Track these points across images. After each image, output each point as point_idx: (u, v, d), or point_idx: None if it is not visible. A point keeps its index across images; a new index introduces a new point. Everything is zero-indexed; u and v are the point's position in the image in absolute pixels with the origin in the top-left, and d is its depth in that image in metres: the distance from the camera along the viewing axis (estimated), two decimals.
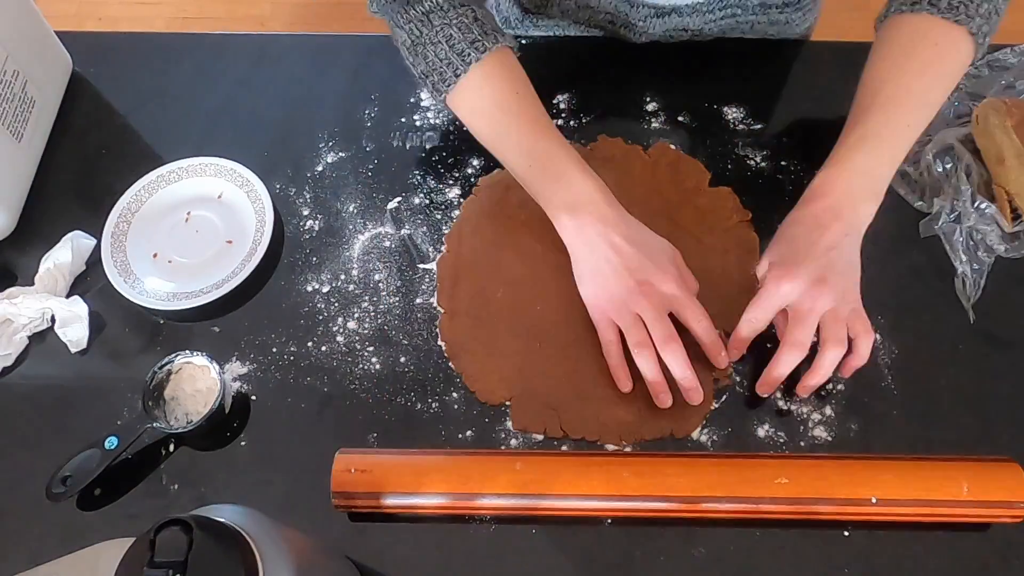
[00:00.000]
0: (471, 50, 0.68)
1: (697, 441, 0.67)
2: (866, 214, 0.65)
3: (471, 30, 0.69)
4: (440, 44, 0.69)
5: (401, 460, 0.64)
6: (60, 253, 0.76)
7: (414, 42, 0.71)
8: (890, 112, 0.66)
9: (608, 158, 0.81)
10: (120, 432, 0.66)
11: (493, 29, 0.71)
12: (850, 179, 0.65)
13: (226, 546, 0.40)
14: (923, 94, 0.67)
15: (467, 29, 0.69)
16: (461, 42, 0.69)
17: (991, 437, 0.67)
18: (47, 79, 0.87)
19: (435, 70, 0.70)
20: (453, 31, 0.69)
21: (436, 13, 0.70)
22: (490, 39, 0.70)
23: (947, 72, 0.68)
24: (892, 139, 0.66)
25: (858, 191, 0.65)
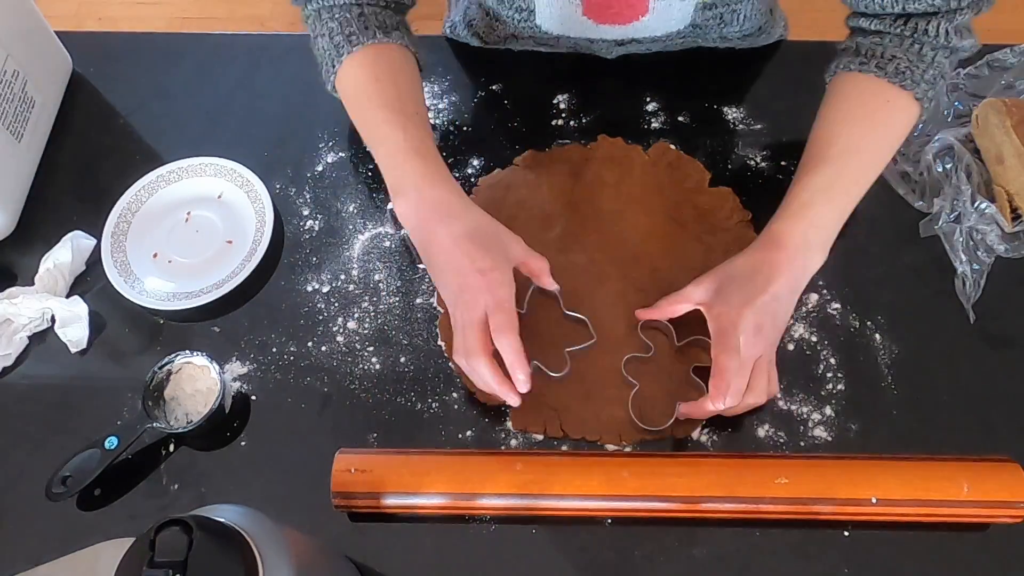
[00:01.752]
0: (345, 43, 0.72)
1: (697, 441, 0.67)
2: (815, 267, 0.67)
3: (351, 24, 0.72)
4: (324, 37, 0.73)
5: (401, 460, 0.64)
6: (60, 253, 0.76)
7: (312, 36, 0.76)
8: (843, 166, 0.67)
9: (608, 158, 0.81)
10: (120, 432, 0.66)
11: (377, 26, 0.73)
12: (806, 231, 0.66)
13: (226, 546, 0.40)
14: (874, 150, 0.69)
15: (347, 24, 0.72)
16: (339, 35, 0.72)
17: (991, 437, 0.67)
18: (47, 79, 0.87)
19: (323, 62, 0.75)
20: (335, 25, 0.72)
21: (324, 11, 0.74)
22: (368, 34, 0.72)
23: (895, 131, 0.70)
24: (844, 193, 0.67)
25: (812, 244, 0.66)
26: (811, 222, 0.66)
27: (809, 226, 0.66)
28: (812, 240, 0.66)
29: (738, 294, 0.64)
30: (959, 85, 0.82)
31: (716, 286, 0.66)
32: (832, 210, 0.67)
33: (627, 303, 0.73)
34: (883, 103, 0.69)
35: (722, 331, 0.64)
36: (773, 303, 0.64)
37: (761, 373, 0.63)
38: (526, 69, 0.89)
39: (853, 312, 0.73)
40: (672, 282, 0.73)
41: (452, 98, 0.87)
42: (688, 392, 0.68)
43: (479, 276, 0.63)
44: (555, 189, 0.79)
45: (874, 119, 0.69)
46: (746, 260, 0.66)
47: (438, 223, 0.65)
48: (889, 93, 0.68)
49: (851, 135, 0.68)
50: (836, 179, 0.67)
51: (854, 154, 0.68)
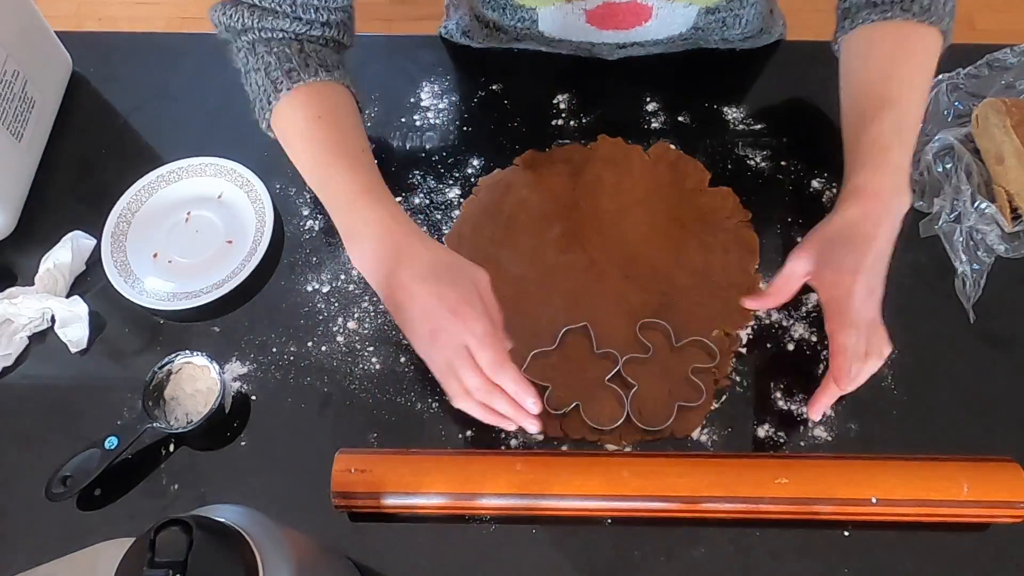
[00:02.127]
0: (284, 79, 0.68)
1: (697, 441, 0.67)
2: (904, 210, 0.66)
3: (290, 60, 0.68)
4: (260, 71, 0.69)
5: (401, 460, 0.64)
6: (60, 253, 0.76)
7: (244, 70, 0.72)
8: (906, 105, 0.68)
9: (608, 158, 0.81)
10: (120, 432, 0.66)
11: (319, 64, 0.69)
12: (893, 178, 0.65)
13: (226, 546, 0.40)
14: (924, 87, 0.70)
15: (286, 59, 0.68)
16: (277, 70, 0.68)
17: (991, 437, 0.67)
18: (47, 79, 0.87)
19: (257, 99, 0.70)
20: (272, 59, 0.68)
21: (260, 43, 0.70)
22: (308, 72, 0.68)
23: (932, 67, 0.71)
24: (912, 131, 0.68)
25: (901, 188, 0.66)
26: (896, 166, 0.66)
27: (895, 170, 0.65)
28: (900, 183, 0.65)
29: (846, 258, 0.63)
30: (959, 85, 0.82)
31: (818, 253, 0.64)
32: (906, 151, 0.67)
33: (627, 303, 0.73)
34: (919, 41, 0.69)
35: (836, 302, 0.62)
36: (879, 261, 0.63)
37: (876, 335, 0.62)
38: (526, 69, 0.89)
39: None
40: (672, 282, 0.73)
41: (452, 98, 0.87)
42: (687, 392, 0.68)
43: (451, 316, 0.59)
44: (555, 189, 0.79)
45: (916, 59, 0.70)
46: (843, 219, 0.65)
47: (397, 265, 0.61)
48: (921, 31, 0.69)
49: (903, 76, 0.69)
50: (903, 119, 0.67)
51: (913, 92, 0.68)
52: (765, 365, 0.70)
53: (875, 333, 0.62)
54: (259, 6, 0.69)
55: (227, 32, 0.72)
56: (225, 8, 0.70)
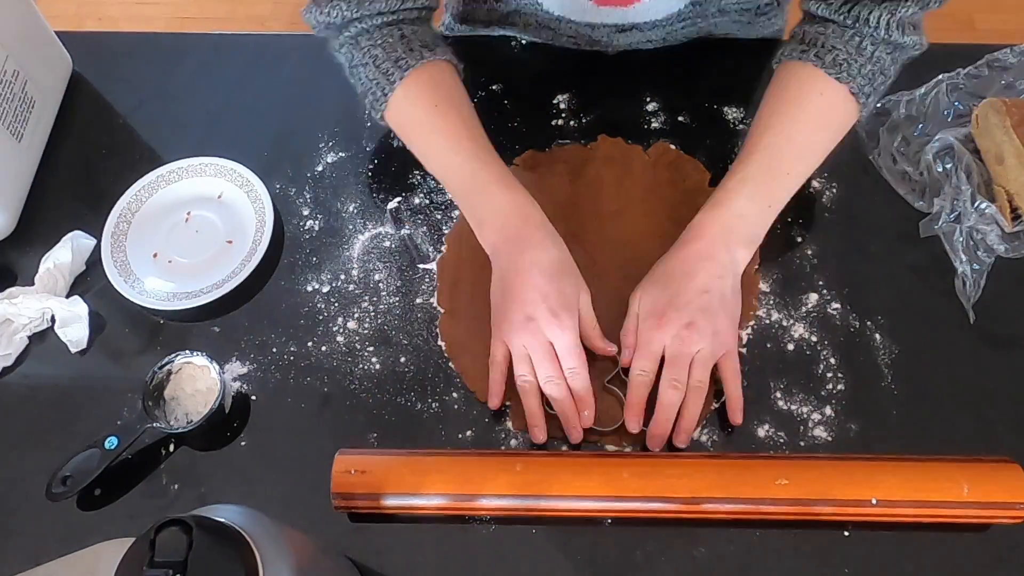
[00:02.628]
0: (395, 69, 0.69)
1: (697, 441, 0.67)
2: (741, 257, 0.66)
3: (395, 49, 0.69)
4: (368, 65, 0.70)
5: (401, 460, 0.64)
6: (60, 253, 0.76)
7: (350, 65, 0.73)
8: (772, 158, 0.67)
9: (608, 158, 0.81)
10: (120, 432, 0.66)
11: (421, 45, 0.70)
12: (727, 222, 0.66)
13: (226, 546, 0.40)
14: (805, 144, 0.69)
15: (391, 48, 0.69)
16: (386, 62, 0.69)
17: (991, 437, 0.67)
18: (47, 79, 0.87)
19: (368, 91, 0.72)
20: (378, 51, 0.69)
21: (363, 36, 0.71)
22: (414, 56, 0.69)
23: (830, 125, 0.69)
24: (771, 185, 0.67)
25: (733, 234, 0.66)
26: (733, 212, 0.66)
27: (731, 217, 0.66)
28: (736, 229, 0.66)
29: (662, 296, 0.64)
30: (959, 85, 0.82)
31: (644, 295, 0.66)
32: (757, 201, 0.66)
33: (627, 303, 0.72)
34: (817, 94, 0.68)
35: (643, 343, 0.64)
36: (701, 296, 0.63)
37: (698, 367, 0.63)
38: (526, 69, 0.89)
39: (853, 312, 0.73)
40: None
41: None
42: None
43: (550, 315, 0.64)
44: (555, 189, 0.79)
45: (806, 109, 0.68)
46: (669, 259, 0.67)
47: (525, 251, 0.65)
48: (823, 84, 0.67)
49: (781, 126, 0.68)
50: (761, 171, 0.67)
51: (782, 145, 0.67)
52: (765, 365, 0.70)
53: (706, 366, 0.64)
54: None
55: (326, 30, 0.72)
56: (320, 7, 0.70)
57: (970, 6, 1.93)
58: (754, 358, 0.71)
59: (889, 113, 0.82)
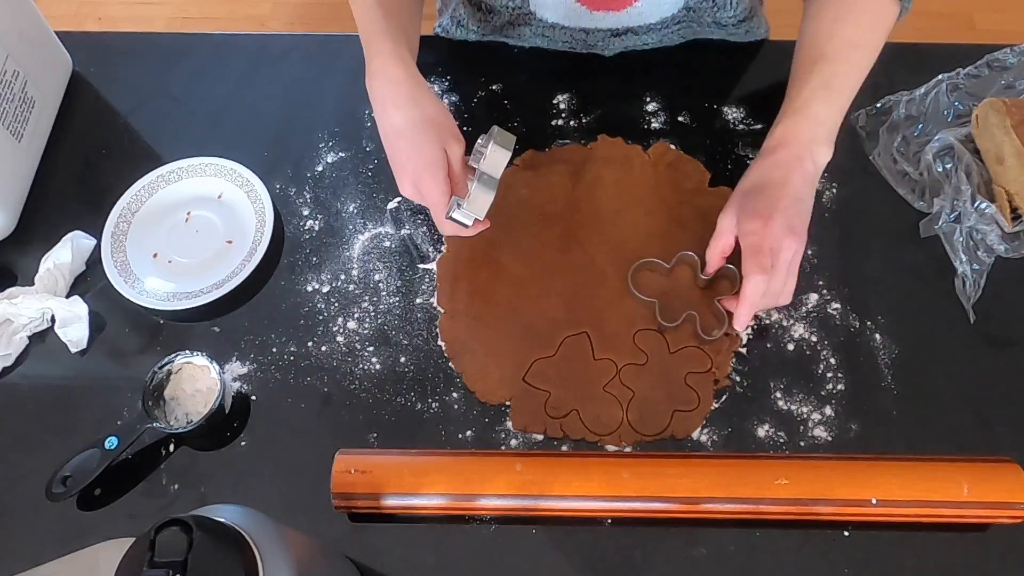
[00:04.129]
0: None
1: (697, 441, 0.67)
2: (823, 161, 0.68)
3: None
4: None
5: (401, 460, 0.64)
6: (60, 253, 0.76)
7: None
8: (839, 64, 0.69)
9: (608, 158, 0.81)
10: (120, 432, 0.66)
11: None
12: (810, 128, 0.67)
13: (226, 546, 0.40)
14: (866, 48, 0.71)
15: None
16: None
17: (991, 437, 0.67)
18: (47, 79, 0.87)
19: None
20: None
21: None
22: None
23: (882, 31, 0.71)
24: (843, 89, 0.69)
25: (818, 138, 0.67)
26: (815, 118, 0.67)
27: (813, 122, 0.67)
28: (818, 135, 0.67)
29: (761, 205, 0.65)
30: (959, 85, 0.82)
31: (738, 207, 0.67)
32: (832, 105, 0.68)
33: (627, 303, 0.73)
34: (870, 3, 0.70)
35: (752, 248, 0.64)
36: (797, 203, 0.65)
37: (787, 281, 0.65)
38: (526, 69, 0.89)
39: (853, 312, 0.73)
40: (672, 282, 0.73)
41: (452, 98, 0.87)
42: (684, 397, 0.68)
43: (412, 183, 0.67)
44: (555, 189, 0.79)
45: (864, 18, 0.70)
46: (758, 170, 0.67)
47: (385, 111, 0.68)
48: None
49: (844, 33, 0.70)
50: (834, 75, 0.68)
51: (850, 50, 0.69)
52: (765, 365, 0.70)
53: (784, 277, 0.65)
54: None
55: None
56: None
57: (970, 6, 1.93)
58: (754, 358, 0.71)
59: (889, 113, 0.82)
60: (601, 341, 0.71)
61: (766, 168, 0.67)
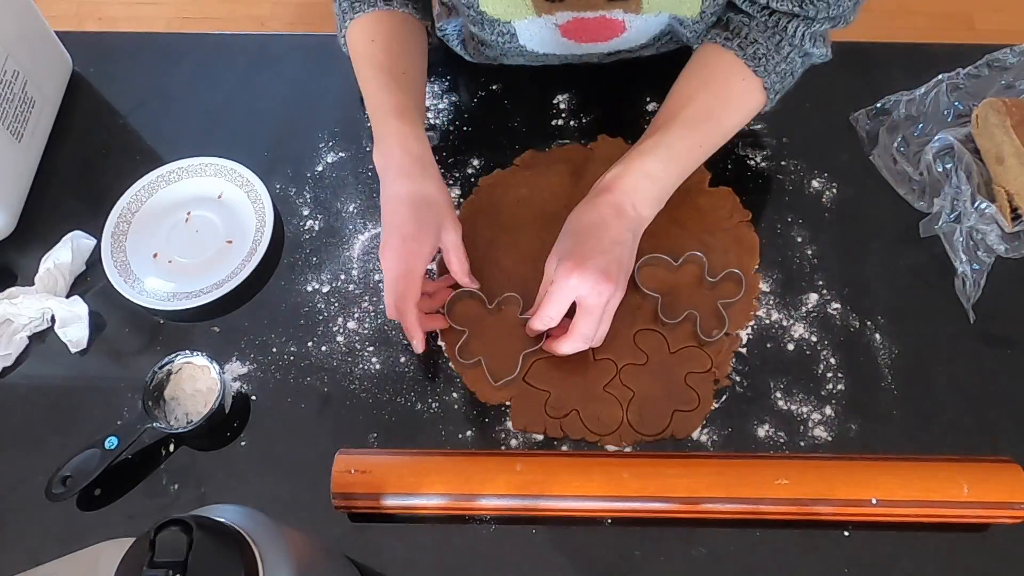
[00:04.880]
0: (350, 9, 0.76)
1: (697, 441, 0.67)
2: (646, 216, 0.69)
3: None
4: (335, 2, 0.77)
5: (401, 460, 0.64)
6: (60, 253, 0.76)
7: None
8: (689, 129, 0.70)
9: (608, 158, 0.81)
10: (120, 432, 0.66)
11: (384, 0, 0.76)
12: (637, 180, 0.68)
13: (226, 546, 0.40)
14: (723, 123, 0.72)
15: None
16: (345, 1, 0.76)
17: (991, 437, 0.67)
18: (47, 79, 0.87)
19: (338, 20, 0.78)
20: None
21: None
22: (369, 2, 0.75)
23: (743, 111, 0.73)
24: (685, 153, 0.70)
25: (643, 193, 0.68)
26: (648, 175, 0.68)
27: (644, 177, 0.68)
28: (645, 189, 0.68)
29: (578, 246, 0.66)
30: (959, 85, 0.82)
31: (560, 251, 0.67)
32: (670, 168, 0.69)
33: (627, 302, 0.72)
34: (739, 81, 0.71)
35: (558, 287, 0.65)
36: (614, 247, 0.66)
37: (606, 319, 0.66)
38: (526, 69, 0.89)
39: (853, 312, 0.73)
40: (673, 283, 0.73)
41: (452, 98, 0.87)
42: (684, 397, 0.68)
43: (400, 242, 0.66)
44: (555, 189, 0.79)
45: (728, 93, 0.72)
46: (580, 212, 0.69)
47: (391, 182, 0.69)
48: (745, 73, 0.70)
49: (706, 103, 0.71)
50: (682, 139, 0.69)
51: (705, 121, 0.70)
52: (765, 365, 0.70)
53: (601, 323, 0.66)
54: None
55: None
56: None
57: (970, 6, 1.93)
58: (754, 358, 0.71)
59: (889, 113, 0.82)
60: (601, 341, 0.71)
61: (588, 211, 0.68)
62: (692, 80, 0.72)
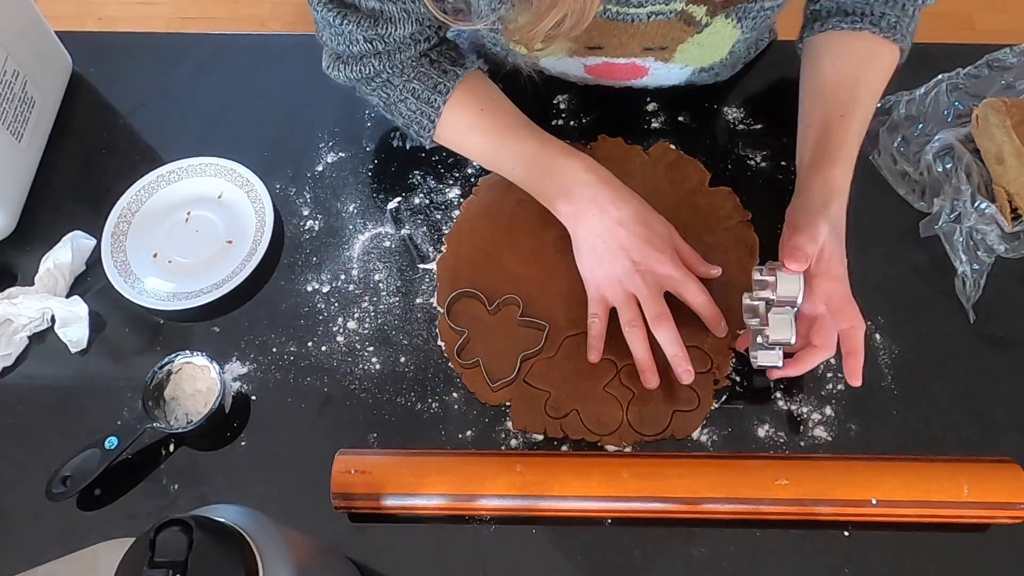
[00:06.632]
0: (435, 95, 0.72)
1: (697, 441, 0.67)
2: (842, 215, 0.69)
3: (430, 77, 0.73)
4: (408, 100, 0.73)
5: (401, 461, 0.64)
6: (60, 253, 0.76)
7: (386, 104, 0.75)
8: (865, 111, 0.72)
9: (608, 158, 0.81)
10: (120, 432, 0.66)
11: (452, 64, 0.73)
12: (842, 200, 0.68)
13: (226, 546, 0.40)
14: (877, 98, 0.74)
15: (426, 77, 0.73)
16: (425, 90, 0.72)
17: (991, 437, 0.67)
18: (47, 79, 0.87)
19: (413, 121, 0.74)
20: (415, 84, 0.72)
21: (396, 75, 0.73)
22: (450, 77, 0.72)
23: (887, 80, 0.74)
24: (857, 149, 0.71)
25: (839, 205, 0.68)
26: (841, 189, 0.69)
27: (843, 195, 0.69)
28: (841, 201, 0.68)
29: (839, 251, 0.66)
30: (959, 85, 0.82)
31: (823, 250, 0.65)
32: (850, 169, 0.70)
33: None
34: (885, 54, 0.73)
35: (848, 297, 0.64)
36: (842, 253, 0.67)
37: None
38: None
39: None
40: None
41: None
42: (685, 395, 0.68)
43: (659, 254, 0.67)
44: None
45: (880, 69, 0.73)
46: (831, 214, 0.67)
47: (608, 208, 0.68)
48: (886, 46, 0.72)
49: (869, 82, 0.72)
50: (865, 121, 0.71)
51: (874, 98, 0.73)
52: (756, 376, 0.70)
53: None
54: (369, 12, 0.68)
55: (357, 82, 0.74)
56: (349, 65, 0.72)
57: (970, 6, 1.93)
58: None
59: (889, 113, 0.82)
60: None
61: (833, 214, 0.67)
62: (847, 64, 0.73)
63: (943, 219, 0.75)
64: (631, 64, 0.77)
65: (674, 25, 0.71)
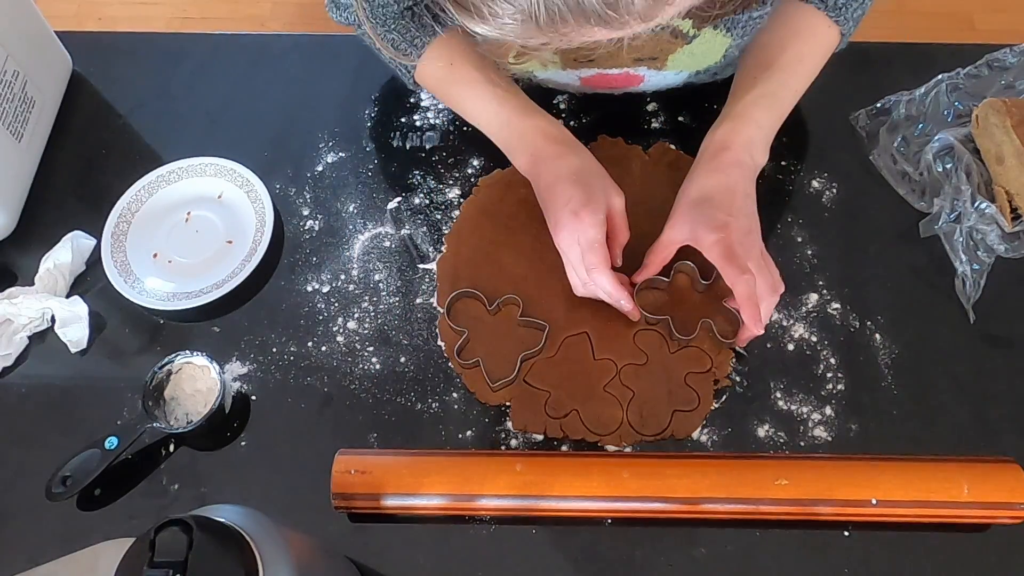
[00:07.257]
0: (411, 48, 0.74)
1: (697, 441, 0.67)
2: (762, 162, 0.70)
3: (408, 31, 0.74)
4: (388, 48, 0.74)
5: (401, 461, 0.64)
6: (60, 253, 0.76)
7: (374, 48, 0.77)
8: (786, 75, 0.72)
9: (608, 158, 0.81)
10: (120, 432, 0.66)
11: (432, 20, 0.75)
12: (751, 132, 0.70)
13: (226, 546, 0.40)
14: (811, 65, 0.74)
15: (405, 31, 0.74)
16: (403, 42, 0.74)
17: (991, 437, 0.67)
18: (47, 79, 0.87)
19: (396, 68, 0.79)
20: (394, 36, 0.74)
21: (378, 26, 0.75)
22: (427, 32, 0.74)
23: (823, 58, 0.75)
24: (785, 99, 0.72)
25: (757, 143, 0.70)
26: (756, 122, 0.70)
27: (754, 126, 0.70)
28: (756, 138, 0.70)
29: (716, 213, 0.66)
30: (959, 85, 0.82)
31: (690, 219, 0.68)
32: (773, 113, 0.71)
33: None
34: (823, 32, 0.73)
35: (724, 257, 0.65)
36: (747, 203, 0.67)
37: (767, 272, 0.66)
38: None
39: (853, 312, 0.73)
40: (675, 295, 0.73)
41: None
42: (684, 397, 0.68)
43: (572, 216, 0.67)
44: None
45: (815, 44, 0.74)
46: (702, 178, 0.69)
47: (546, 170, 0.70)
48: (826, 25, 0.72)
49: (798, 50, 0.73)
50: (781, 85, 0.72)
51: (798, 63, 0.73)
52: (765, 365, 0.70)
53: (766, 269, 0.66)
54: None
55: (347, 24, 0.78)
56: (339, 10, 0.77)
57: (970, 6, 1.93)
58: (754, 358, 0.71)
59: (889, 113, 0.82)
60: (601, 341, 0.71)
61: (711, 174, 0.68)
62: (783, 31, 0.73)
63: (943, 219, 0.75)
64: (625, 74, 0.78)
65: (661, 38, 0.71)
